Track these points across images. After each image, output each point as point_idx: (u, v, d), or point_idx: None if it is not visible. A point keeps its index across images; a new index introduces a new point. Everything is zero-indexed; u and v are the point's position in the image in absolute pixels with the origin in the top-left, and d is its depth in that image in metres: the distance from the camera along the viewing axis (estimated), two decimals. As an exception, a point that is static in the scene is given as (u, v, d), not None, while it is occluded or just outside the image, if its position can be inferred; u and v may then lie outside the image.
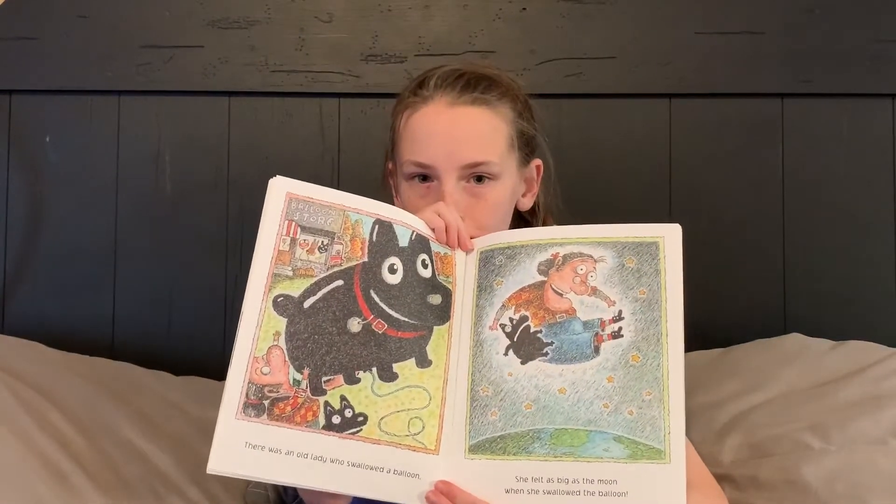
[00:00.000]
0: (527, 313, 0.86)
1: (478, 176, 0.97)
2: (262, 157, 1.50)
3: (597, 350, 0.83)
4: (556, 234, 0.90)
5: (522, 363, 0.84)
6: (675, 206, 1.50)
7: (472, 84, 1.00)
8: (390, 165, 1.07)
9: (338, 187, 1.47)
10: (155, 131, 1.51)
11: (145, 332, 1.50)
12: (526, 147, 1.04)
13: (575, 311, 0.85)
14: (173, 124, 1.51)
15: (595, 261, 0.86)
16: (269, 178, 0.87)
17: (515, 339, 0.85)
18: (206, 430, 1.21)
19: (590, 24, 1.49)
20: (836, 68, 1.48)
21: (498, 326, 0.86)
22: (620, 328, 0.83)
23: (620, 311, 0.84)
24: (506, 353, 0.84)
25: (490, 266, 0.89)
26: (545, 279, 0.87)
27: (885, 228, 1.49)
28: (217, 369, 1.48)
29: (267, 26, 1.50)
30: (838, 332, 1.37)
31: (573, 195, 1.49)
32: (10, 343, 1.33)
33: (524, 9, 1.49)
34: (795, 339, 1.33)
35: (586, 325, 0.84)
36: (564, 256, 0.87)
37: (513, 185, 1.02)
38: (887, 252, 1.49)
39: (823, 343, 1.32)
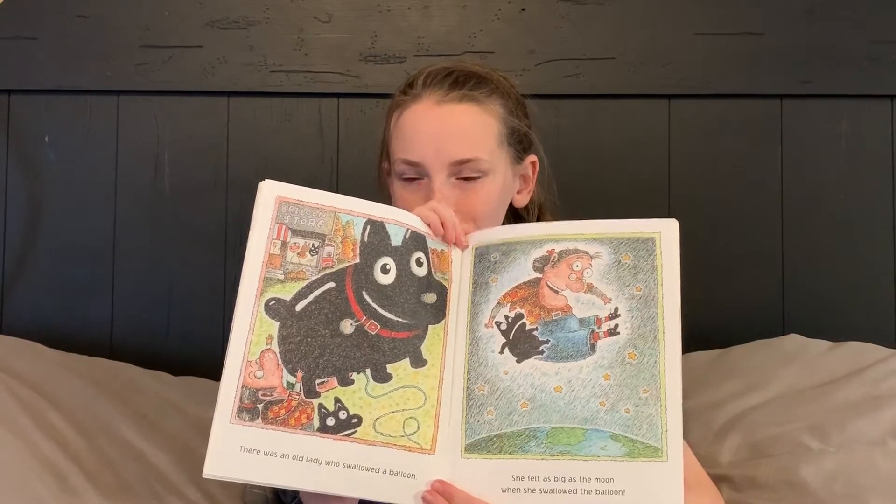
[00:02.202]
0: (522, 311, 0.85)
1: (468, 174, 0.97)
2: (261, 157, 1.50)
3: (593, 348, 0.82)
4: (551, 230, 0.89)
5: (518, 361, 0.83)
6: (674, 207, 1.50)
7: (461, 81, 1.00)
8: (385, 165, 1.07)
9: (336, 187, 1.49)
10: (154, 131, 1.51)
11: (144, 331, 1.50)
12: (518, 144, 1.04)
13: (571, 308, 0.84)
14: (172, 124, 1.51)
15: (591, 257, 0.86)
16: (268, 179, 0.87)
17: (511, 338, 0.84)
18: (204, 430, 1.21)
19: (589, 24, 1.49)
20: (835, 69, 1.49)
21: (493, 324, 0.85)
22: (617, 325, 0.83)
23: (616, 309, 0.83)
24: (501, 352, 0.84)
25: (485, 262, 0.89)
26: (540, 276, 0.86)
27: (883, 229, 1.49)
28: (216, 369, 1.46)
29: (266, 26, 1.50)
30: (837, 332, 1.37)
31: (572, 196, 1.49)
32: (8, 343, 1.32)
33: (523, 9, 1.49)
34: (794, 340, 1.33)
35: (582, 322, 0.83)
36: (560, 253, 0.87)
37: (504, 181, 1.02)
38: (885, 252, 1.49)
39: (822, 344, 1.32)
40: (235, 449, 0.76)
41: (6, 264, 1.50)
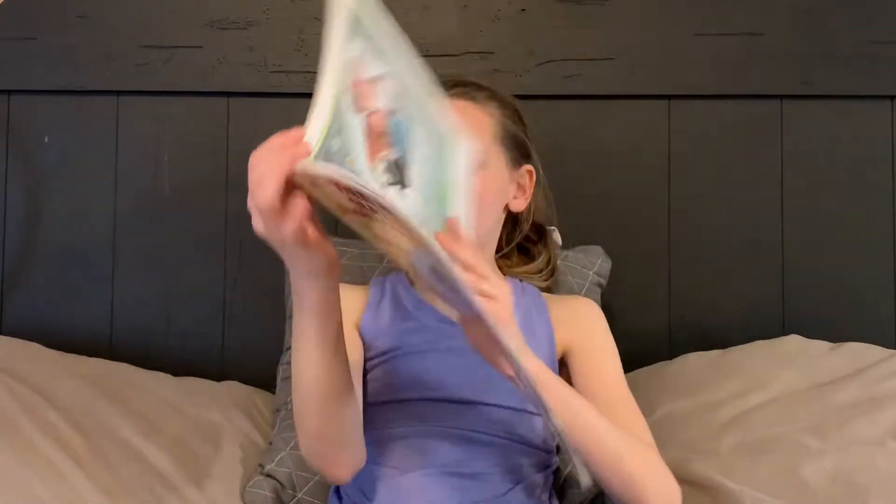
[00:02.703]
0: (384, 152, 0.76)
1: None
2: (261, 157, 1.50)
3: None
4: (328, 75, 0.76)
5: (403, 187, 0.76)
6: (673, 208, 1.50)
7: (461, 84, 1.05)
8: None
9: (337, 188, 1.49)
10: (154, 132, 1.51)
11: (143, 332, 1.50)
12: (515, 148, 1.06)
13: (388, 110, 0.77)
14: (172, 125, 1.51)
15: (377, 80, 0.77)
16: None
17: (396, 179, 0.76)
18: (203, 431, 1.22)
19: (588, 25, 1.49)
20: (834, 70, 1.49)
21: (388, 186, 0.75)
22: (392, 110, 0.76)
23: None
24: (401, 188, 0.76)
25: (334, 157, 0.72)
26: (364, 114, 0.76)
27: (883, 230, 1.49)
28: (215, 370, 1.48)
29: (266, 27, 1.50)
30: (837, 333, 1.37)
31: (572, 196, 1.49)
32: (8, 343, 1.33)
33: (523, 10, 1.50)
34: (794, 341, 1.33)
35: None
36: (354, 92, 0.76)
37: (500, 179, 1.04)
38: (885, 253, 1.49)
39: (822, 344, 1.32)
40: None
41: (6, 264, 1.50)
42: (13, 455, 0.98)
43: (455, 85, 1.04)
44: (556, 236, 1.30)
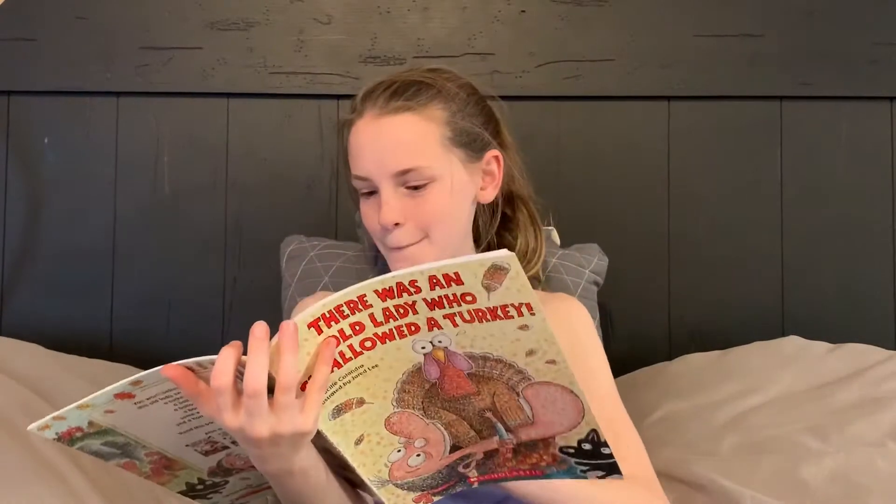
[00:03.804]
0: None
1: (414, 182, 0.97)
2: (260, 158, 1.50)
3: None
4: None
5: None
6: (673, 209, 1.50)
7: (399, 92, 0.99)
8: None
9: (336, 189, 1.49)
10: (154, 133, 1.51)
11: (143, 333, 1.50)
12: (472, 144, 1.02)
13: None
14: (172, 126, 1.51)
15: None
16: (268, 180, 0.83)
17: None
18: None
19: (589, 26, 1.50)
20: (834, 71, 1.49)
21: None
22: None
23: None
24: None
25: None
26: None
27: (883, 231, 1.50)
28: (215, 371, 1.48)
29: (266, 28, 1.50)
30: (836, 334, 1.37)
31: (572, 198, 1.49)
32: (8, 344, 1.32)
33: (523, 11, 1.50)
34: (794, 342, 1.33)
35: None
36: None
37: (458, 183, 1.00)
38: (885, 254, 1.49)
39: (822, 345, 1.32)
40: None
41: (6, 265, 1.50)
42: (13, 457, 0.98)
43: (393, 95, 0.98)
44: (555, 236, 1.30)
